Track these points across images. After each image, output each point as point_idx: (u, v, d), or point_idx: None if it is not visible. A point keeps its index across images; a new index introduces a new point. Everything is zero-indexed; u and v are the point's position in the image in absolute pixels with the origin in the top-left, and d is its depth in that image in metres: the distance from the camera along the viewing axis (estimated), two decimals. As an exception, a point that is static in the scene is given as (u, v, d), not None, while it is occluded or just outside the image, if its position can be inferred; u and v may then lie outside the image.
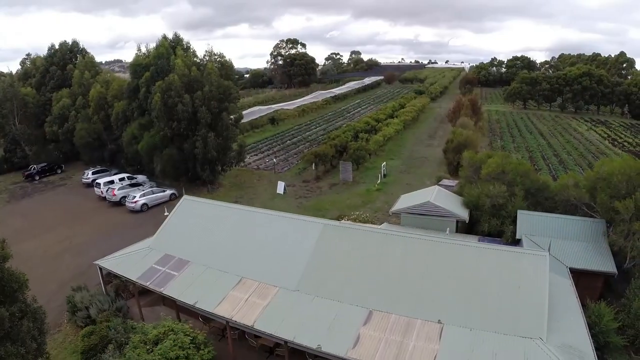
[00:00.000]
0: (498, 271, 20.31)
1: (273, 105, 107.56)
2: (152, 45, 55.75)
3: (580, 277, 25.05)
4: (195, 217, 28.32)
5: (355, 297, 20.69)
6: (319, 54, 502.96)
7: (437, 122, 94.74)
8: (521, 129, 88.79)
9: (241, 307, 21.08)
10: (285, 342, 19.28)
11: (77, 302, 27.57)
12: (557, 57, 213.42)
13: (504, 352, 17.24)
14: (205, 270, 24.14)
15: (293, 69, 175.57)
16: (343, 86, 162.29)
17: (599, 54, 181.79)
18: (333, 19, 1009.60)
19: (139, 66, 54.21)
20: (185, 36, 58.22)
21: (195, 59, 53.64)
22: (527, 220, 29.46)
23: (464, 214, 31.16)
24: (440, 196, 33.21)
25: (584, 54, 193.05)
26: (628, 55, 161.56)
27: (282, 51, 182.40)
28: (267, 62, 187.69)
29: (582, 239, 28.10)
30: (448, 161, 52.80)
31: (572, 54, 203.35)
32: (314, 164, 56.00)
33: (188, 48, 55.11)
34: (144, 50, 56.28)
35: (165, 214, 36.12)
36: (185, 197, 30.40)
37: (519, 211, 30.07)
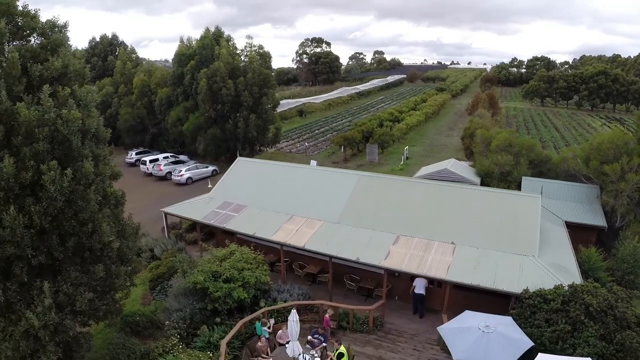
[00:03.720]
0: (500, 207, 25.43)
1: (301, 99, 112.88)
2: (194, 37, 61.81)
3: (576, 231, 29.23)
4: (249, 173, 33.61)
5: (386, 226, 25.90)
6: (342, 54, 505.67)
7: (457, 117, 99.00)
8: (537, 123, 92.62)
9: (293, 234, 26.38)
10: (330, 257, 24.52)
11: (141, 245, 32.39)
12: (578, 59, 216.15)
13: (503, 264, 22.24)
14: (261, 211, 29.41)
15: (318, 67, 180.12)
16: (367, 83, 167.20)
17: (619, 56, 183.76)
18: (356, 20, 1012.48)
19: (183, 55, 59.97)
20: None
21: (235, 50, 59.16)
22: (530, 185, 33.95)
23: (476, 180, 35.94)
24: (456, 165, 38.25)
25: (604, 55, 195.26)
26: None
27: (308, 49, 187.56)
28: (293, 60, 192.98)
29: (578, 201, 32.61)
30: (465, 146, 57.28)
31: (592, 55, 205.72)
32: (342, 147, 61.19)
33: (229, 40, 60.62)
34: (185, 42, 62.42)
35: (209, 186, 41.20)
36: (239, 158, 35.81)
37: (523, 177, 34.68)
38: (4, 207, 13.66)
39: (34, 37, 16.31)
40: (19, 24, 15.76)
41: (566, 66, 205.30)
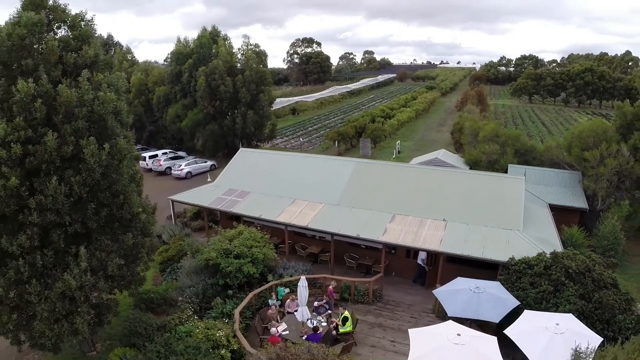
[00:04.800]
0: (487, 188, 27.56)
1: (293, 98, 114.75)
2: (190, 37, 63.77)
3: (559, 213, 31.20)
4: (251, 162, 35.38)
5: (382, 206, 27.86)
6: (332, 54, 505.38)
7: (447, 114, 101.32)
8: (525, 119, 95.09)
9: (296, 215, 28.26)
10: (332, 234, 26.46)
11: (148, 232, 34.23)
12: (566, 57, 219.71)
13: (491, 237, 24.27)
14: (264, 196, 31.19)
15: (309, 67, 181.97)
16: (358, 82, 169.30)
17: (606, 54, 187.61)
18: (346, 20, 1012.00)
19: (180, 54, 61.77)
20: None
21: (231, 48, 61.04)
22: (516, 172, 35.55)
23: (465, 168, 38.01)
24: (446, 155, 40.49)
25: (592, 53, 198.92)
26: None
27: (298, 50, 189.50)
28: (284, 60, 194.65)
29: (561, 186, 34.67)
30: (455, 140, 59.52)
31: (581, 54, 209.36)
32: (336, 142, 63.15)
33: (225, 39, 62.46)
34: (182, 41, 64.30)
35: (209, 180, 42.97)
36: (242, 148, 37.55)
37: (509, 165, 36.80)
38: (47, 178, 15.39)
39: (64, 29, 17.99)
40: (50, 17, 17.43)
41: (554, 64, 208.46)
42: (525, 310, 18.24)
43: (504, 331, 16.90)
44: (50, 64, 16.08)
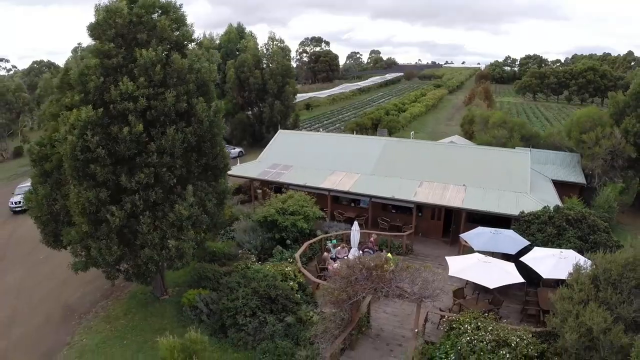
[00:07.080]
0: (499, 160, 32.93)
1: (306, 94, 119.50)
2: (216, 32, 68.69)
3: (561, 188, 35.73)
4: (290, 142, 40.36)
5: (411, 175, 32.83)
6: (338, 53, 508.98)
7: (455, 110, 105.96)
8: (529, 115, 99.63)
9: (337, 183, 33.17)
10: (371, 197, 31.44)
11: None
12: (570, 57, 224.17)
13: (504, 198, 29.24)
14: (306, 169, 35.96)
15: (317, 65, 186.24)
16: (366, 80, 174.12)
17: (609, 54, 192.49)
18: (350, 20, 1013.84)
19: (207, 49, 66.58)
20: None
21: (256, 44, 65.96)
22: (523, 152, 40.91)
23: (478, 150, 42.98)
24: (460, 140, 45.47)
25: (595, 54, 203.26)
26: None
27: (307, 49, 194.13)
28: (293, 58, 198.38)
29: (562, 165, 39.35)
30: (465, 131, 64.21)
31: (584, 54, 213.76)
32: (354, 132, 67.93)
33: (251, 34, 67.48)
34: (208, 36, 69.47)
35: (238, 165, 47.54)
36: (280, 130, 42.34)
37: (516, 147, 41.39)
38: (162, 128, 19.44)
39: (158, 13, 21.37)
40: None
41: (558, 64, 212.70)
42: (535, 247, 23.06)
43: (520, 258, 21.78)
44: (159, 39, 19.96)
